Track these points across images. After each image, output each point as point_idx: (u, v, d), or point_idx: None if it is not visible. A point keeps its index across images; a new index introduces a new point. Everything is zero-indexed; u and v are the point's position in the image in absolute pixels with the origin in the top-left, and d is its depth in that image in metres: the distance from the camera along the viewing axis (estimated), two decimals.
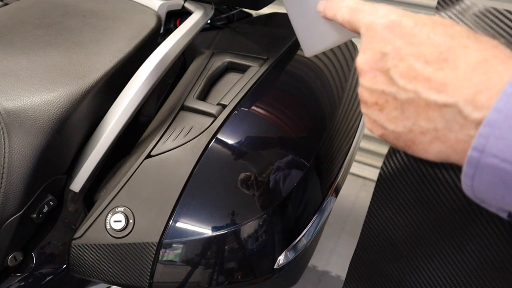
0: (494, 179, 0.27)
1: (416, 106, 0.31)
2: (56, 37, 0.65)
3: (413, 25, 0.32)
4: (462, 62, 0.29)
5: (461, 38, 0.30)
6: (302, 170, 0.59)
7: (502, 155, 0.26)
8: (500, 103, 0.26)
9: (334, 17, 0.40)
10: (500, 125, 0.26)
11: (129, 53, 0.64)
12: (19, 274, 0.59)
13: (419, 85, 0.30)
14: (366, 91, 0.34)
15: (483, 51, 0.29)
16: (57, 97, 0.56)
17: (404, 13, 0.33)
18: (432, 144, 0.31)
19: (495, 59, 0.28)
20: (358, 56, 0.35)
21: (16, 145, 0.54)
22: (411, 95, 0.31)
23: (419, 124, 0.31)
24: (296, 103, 0.67)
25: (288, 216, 0.58)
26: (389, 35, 0.32)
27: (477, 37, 0.30)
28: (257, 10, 0.73)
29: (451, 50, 0.29)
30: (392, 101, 0.32)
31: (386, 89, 0.33)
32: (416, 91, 0.30)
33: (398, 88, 0.31)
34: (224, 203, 0.56)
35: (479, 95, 0.27)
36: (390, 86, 0.32)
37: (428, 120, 0.30)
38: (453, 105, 0.28)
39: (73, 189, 0.62)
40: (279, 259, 0.58)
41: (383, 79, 0.33)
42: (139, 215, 0.56)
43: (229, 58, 0.69)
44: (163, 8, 0.73)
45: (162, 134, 0.61)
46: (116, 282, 0.57)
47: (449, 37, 0.30)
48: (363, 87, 0.35)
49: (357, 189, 1.70)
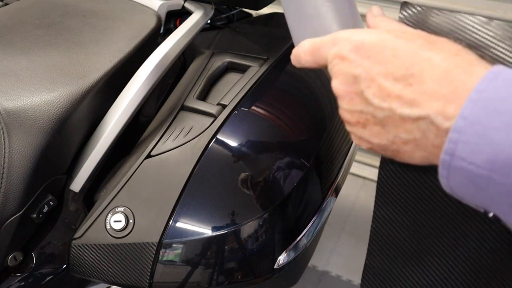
0: (465, 180, 0.29)
1: (393, 121, 0.33)
2: (56, 37, 0.65)
3: (376, 43, 0.34)
4: (427, 76, 0.31)
5: (423, 51, 0.32)
6: (302, 170, 0.59)
7: (469, 158, 0.28)
8: (466, 111, 0.28)
9: (302, 66, 0.42)
10: (466, 131, 0.28)
11: (129, 53, 0.64)
12: (19, 274, 0.59)
13: (392, 103, 0.32)
14: (347, 112, 0.37)
15: (446, 61, 0.31)
16: (57, 97, 0.56)
17: (364, 32, 0.35)
18: (415, 152, 0.34)
19: (457, 68, 0.30)
20: (332, 81, 0.38)
21: (16, 145, 0.54)
22: (387, 113, 0.33)
23: (400, 136, 0.33)
24: (296, 103, 0.67)
25: (288, 216, 0.58)
26: (356, 58, 0.35)
27: (439, 46, 0.32)
28: (257, 10, 0.73)
29: (415, 65, 0.32)
30: (372, 119, 0.35)
31: (364, 109, 0.35)
32: (391, 108, 0.33)
33: (374, 108, 0.34)
34: (224, 203, 0.56)
35: (447, 106, 0.29)
36: (367, 106, 0.35)
37: (406, 132, 0.33)
38: (426, 117, 0.31)
39: (73, 189, 0.62)
40: (279, 259, 0.58)
41: (359, 101, 0.35)
42: (139, 215, 0.56)
43: (229, 58, 0.69)
44: (163, 8, 0.73)
45: (162, 134, 0.61)
46: (116, 282, 0.57)
47: (412, 51, 0.32)
48: (343, 109, 0.37)
49: (357, 189, 1.70)
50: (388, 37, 0.34)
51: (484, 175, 0.28)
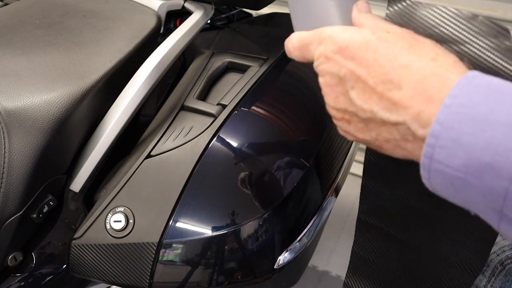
0: (444, 181, 0.30)
1: (375, 122, 0.35)
2: (56, 37, 0.65)
3: (360, 45, 0.35)
4: (404, 82, 0.32)
5: (402, 56, 0.33)
6: (302, 170, 0.59)
7: (446, 162, 0.29)
8: (441, 116, 0.29)
9: (293, 58, 0.44)
10: (441, 136, 0.29)
11: (129, 53, 0.64)
12: (19, 274, 0.59)
13: (373, 105, 0.34)
14: (332, 109, 0.39)
15: (423, 68, 0.32)
16: (57, 97, 0.56)
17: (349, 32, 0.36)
18: (396, 150, 0.35)
19: (433, 76, 0.31)
20: (319, 78, 0.39)
21: (16, 145, 0.54)
22: (368, 114, 0.35)
23: (382, 135, 0.35)
24: (296, 103, 0.67)
25: (288, 216, 0.58)
26: (340, 59, 0.36)
27: (419, 50, 0.34)
28: (257, 10, 0.73)
29: (393, 70, 0.33)
30: (355, 117, 0.37)
31: (348, 108, 0.37)
32: (372, 111, 0.34)
33: (357, 108, 0.36)
34: (224, 203, 0.56)
35: (422, 114, 0.31)
36: (350, 105, 0.36)
37: (388, 133, 0.35)
38: (403, 123, 0.32)
39: (73, 189, 0.62)
40: (279, 259, 0.58)
41: (343, 100, 0.37)
42: (139, 215, 0.56)
43: (229, 58, 0.69)
44: (163, 8, 0.73)
45: (162, 134, 0.61)
46: (116, 282, 0.57)
47: (392, 56, 0.33)
48: (329, 105, 0.39)
49: (357, 189, 1.70)
50: (372, 39, 0.35)
51: (460, 177, 0.29)
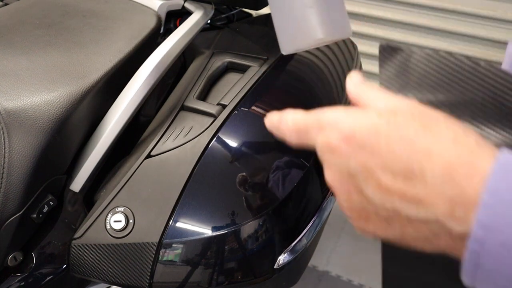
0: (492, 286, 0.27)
1: (399, 220, 0.30)
2: (56, 37, 0.65)
3: (368, 133, 0.30)
4: (428, 172, 0.28)
5: (420, 140, 0.29)
6: (302, 170, 0.59)
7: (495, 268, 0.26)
8: (483, 217, 0.26)
9: (284, 139, 0.38)
10: (487, 241, 0.26)
11: (129, 53, 0.64)
12: (19, 274, 0.59)
13: (396, 202, 0.29)
14: (347, 209, 0.33)
15: (445, 153, 0.28)
16: (57, 97, 0.56)
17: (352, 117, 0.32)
18: (426, 246, 0.31)
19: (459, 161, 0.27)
20: (324, 170, 0.34)
21: (16, 145, 0.54)
22: (391, 213, 0.30)
23: (409, 233, 0.30)
24: (296, 103, 0.67)
25: (288, 216, 0.58)
26: (348, 149, 0.31)
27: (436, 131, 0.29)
28: (257, 10, 0.73)
29: (413, 159, 0.29)
30: (375, 216, 0.32)
31: (365, 207, 0.32)
32: (395, 209, 0.30)
33: (376, 207, 0.31)
34: (224, 203, 0.56)
35: (456, 209, 0.27)
36: (368, 204, 0.31)
37: (416, 232, 0.30)
38: (435, 220, 0.28)
39: (73, 189, 0.62)
40: (279, 259, 0.58)
41: (358, 198, 0.32)
42: (139, 215, 0.56)
43: (229, 58, 0.69)
44: (163, 8, 0.73)
45: (162, 134, 0.61)
46: (116, 282, 0.57)
47: (407, 142, 0.29)
48: (342, 205, 0.34)
49: None
50: (380, 123, 0.30)
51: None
